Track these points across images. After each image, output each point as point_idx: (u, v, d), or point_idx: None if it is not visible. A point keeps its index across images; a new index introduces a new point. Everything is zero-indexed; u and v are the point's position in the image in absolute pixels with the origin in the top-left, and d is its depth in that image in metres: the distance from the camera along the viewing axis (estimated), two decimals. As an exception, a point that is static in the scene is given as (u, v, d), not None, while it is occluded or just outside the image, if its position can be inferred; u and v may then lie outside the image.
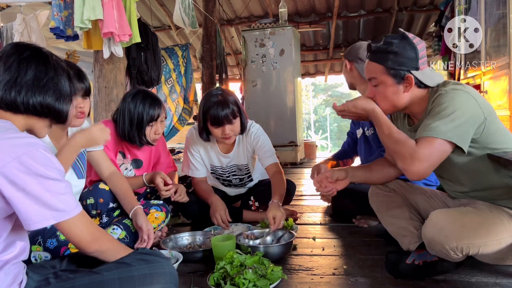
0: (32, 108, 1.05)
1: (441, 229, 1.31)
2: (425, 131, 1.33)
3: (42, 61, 1.08)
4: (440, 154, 1.33)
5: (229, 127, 2.07)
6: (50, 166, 0.98)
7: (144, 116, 2.01)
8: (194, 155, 2.30)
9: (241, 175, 2.37)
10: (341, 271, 1.58)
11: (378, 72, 1.47)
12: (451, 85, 1.39)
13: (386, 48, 1.44)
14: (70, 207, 1.01)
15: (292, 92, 5.21)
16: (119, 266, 1.09)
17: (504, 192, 1.39)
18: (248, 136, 2.27)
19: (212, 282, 1.39)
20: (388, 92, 1.47)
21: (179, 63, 5.49)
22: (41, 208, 0.95)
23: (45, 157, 0.98)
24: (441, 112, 1.32)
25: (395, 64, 1.42)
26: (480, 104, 1.34)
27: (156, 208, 2.01)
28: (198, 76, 7.67)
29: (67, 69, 1.16)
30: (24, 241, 1.04)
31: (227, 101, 2.04)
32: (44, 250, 1.53)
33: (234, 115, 2.06)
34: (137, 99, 2.03)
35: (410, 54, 1.42)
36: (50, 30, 2.89)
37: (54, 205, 0.97)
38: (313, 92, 23.84)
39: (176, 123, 5.65)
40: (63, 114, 1.13)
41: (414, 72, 1.43)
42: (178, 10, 4.43)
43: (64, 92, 1.11)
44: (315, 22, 7.06)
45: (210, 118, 2.05)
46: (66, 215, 1.00)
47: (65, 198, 1.00)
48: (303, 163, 5.49)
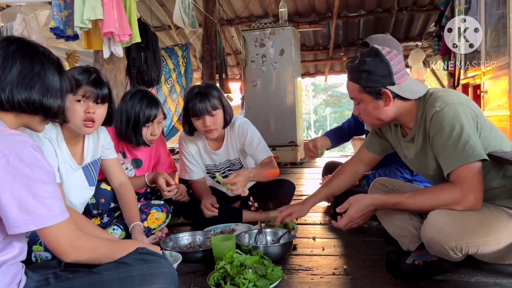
0: (18, 105, 1.02)
1: (441, 229, 1.30)
2: (454, 162, 1.32)
3: (28, 56, 1.04)
4: (480, 173, 1.32)
5: (210, 119, 2.09)
6: (38, 167, 0.95)
7: (140, 116, 2.01)
8: (187, 157, 2.33)
9: (236, 170, 2.37)
10: (341, 271, 1.58)
11: (355, 91, 1.50)
12: (441, 99, 1.37)
13: (359, 68, 1.46)
14: (52, 213, 0.96)
15: (292, 92, 5.20)
16: (119, 266, 1.08)
17: (503, 192, 1.39)
18: (234, 129, 2.27)
19: (212, 282, 1.39)
20: (369, 108, 1.49)
21: (179, 63, 5.49)
22: (21, 212, 0.92)
23: (34, 157, 0.95)
24: (451, 137, 1.32)
25: (369, 82, 1.44)
26: (473, 110, 1.36)
27: (157, 209, 2.01)
28: (198, 76, 7.67)
29: (57, 63, 1.11)
30: (21, 242, 1.03)
31: (207, 94, 2.08)
32: (45, 250, 1.54)
33: (214, 107, 2.08)
34: (134, 99, 2.03)
35: (383, 71, 1.42)
36: (50, 30, 2.89)
37: (35, 210, 0.93)
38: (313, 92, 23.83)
39: (176, 123, 5.65)
40: (53, 110, 1.09)
41: (391, 87, 1.43)
42: (178, 10, 4.43)
43: (52, 87, 1.07)
44: (315, 22, 7.06)
45: (191, 110, 2.09)
46: (46, 222, 0.95)
47: (49, 202, 0.96)
48: (303, 163, 5.49)
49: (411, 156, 1.55)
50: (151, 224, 1.97)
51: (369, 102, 1.48)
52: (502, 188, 1.39)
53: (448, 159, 1.34)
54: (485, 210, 1.35)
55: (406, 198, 1.43)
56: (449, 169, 1.34)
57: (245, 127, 2.26)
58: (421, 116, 1.44)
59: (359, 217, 1.53)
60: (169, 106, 5.58)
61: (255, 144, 2.23)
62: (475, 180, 1.31)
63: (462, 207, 1.32)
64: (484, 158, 1.31)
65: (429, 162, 1.47)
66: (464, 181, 1.31)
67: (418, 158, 1.52)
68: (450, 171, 1.34)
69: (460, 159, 1.31)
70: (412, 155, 1.55)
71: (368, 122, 1.57)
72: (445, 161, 1.36)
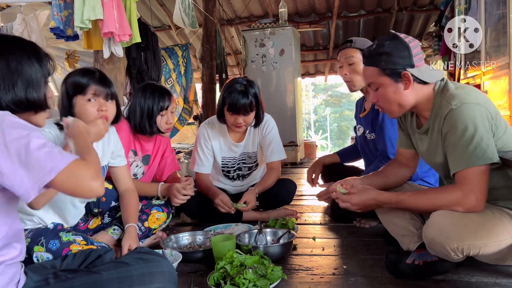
0: (7, 108, 1.00)
1: (442, 229, 1.30)
2: (462, 162, 1.32)
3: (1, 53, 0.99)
4: (486, 176, 1.31)
5: (243, 118, 2.16)
6: (22, 127, 0.92)
7: (154, 106, 2.03)
8: (203, 149, 2.35)
9: (250, 163, 2.44)
10: (341, 271, 1.58)
11: (374, 75, 1.47)
12: (458, 97, 1.35)
13: (378, 51, 1.45)
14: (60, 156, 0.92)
15: (292, 92, 5.20)
16: (118, 265, 1.09)
17: (505, 193, 1.39)
18: (261, 124, 2.35)
19: (212, 282, 1.39)
20: (389, 92, 1.45)
21: (179, 63, 5.49)
22: (29, 171, 0.89)
23: (15, 121, 0.93)
24: (464, 137, 1.31)
25: (389, 64, 1.42)
26: (490, 111, 1.34)
27: (158, 209, 2.01)
28: (198, 76, 7.66)
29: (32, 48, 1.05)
30: (20, 243, 1.03)
31: (248, 92, 2.13)
32: (46, 251, 1.53)
33: (251, 107, 2.15)
34: (146, 92, 2.05)
35: (403, 53, 1.42)
36: (50, 30, 2.89)
37: (41, 161, 0.89)
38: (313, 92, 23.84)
39: (176, 123, 5.64)
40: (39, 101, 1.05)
41: (410, 70, 1.42)
42: (178, 10, 4.43)
43: (33, 78, 1.03)
44: (315, 22, 7.06)
45: (228, 103, 2.13)
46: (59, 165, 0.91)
47: (49, 150, 0.92)
48: (303, 163, 5.49)
49: (423, 149, 1.54)
50: (152, 224, 1.97)
51: (388, 86, 1.45)
52: (505, 188, 1.39)
53: (456, 159, 1.34)
54: (487, 212, 1.34)
55: (409, 196, 1.44)
56: (455, 169, 1.34)
57: (271, 125, 2.39)
58: (437, 110, 1.42)
59: (358, 204, 1.53)
60: (169, 106, 5.57)
61: (273, 144, 2.35)
62: (479, 182, 1.30)
63: (463, 209, 1.32)
64: (494, 161, 1.30)
65: (438, 157, 1.46)
66: (468, 183, 1.31)
67: (429, 151, 1.51)
68: (456, 172, 1.34)
69: (468, 161, 1.30)
70: (424, 148, 1.54)
71: (387, 109, 1.51)
72: (453, 161, 1.35)
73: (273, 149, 2.36)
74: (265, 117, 2.37)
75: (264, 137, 2.37)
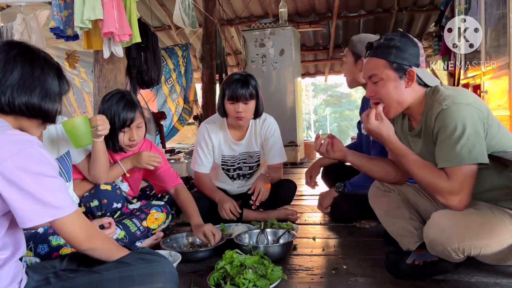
0: (18, 109, 1.05)
1: (443, 230, 1.31)
2: (447, 161, 1.33)
3: (28, 60, 1.07)
4: (472, 177, 1.32)
5: (243, 107, 2.16)
6: (45, 163, 0.98)
7: (115, 120, 1.87)
8: (203, 148, 2.35)
9: (251, 163, 2.43)
10: (341, 271, 1.58)
11: (380, 67, 1.44)
12: (449, 98, 1.36)
13: (388, 43, 1.44)
14: (65, 204, 1.00)
15: (292, 92, 5.20)
16: (119, 265, 1.09)
17: (506, 193, 1.38)
18: (263, 125, 2.36)
19: (212, 282, 1.39)
20: (390, 87, 1.44)
21: (179, 63, 5.49)
22: (37, 206, 0.95)
23: (40, 154, 0.98)
24: (452, 136, 1.31)
25: (398, 58, 1.42)
26: (481, 110, 1.34)
27: (157, 209, 2.01)
28: (198, 76, 7.66)
29: (57, 67, 1.14)
30: (21, 240, 1.04)
31: (247, 82, 2.16)
32: (35, 256, 1.52)
33: (251, 95, 2.16)
34: (111, 101, 1.90)
35: (413, 50, 1.42)
36: (50, 30, 2.88)
37: (50, 202, 0.97)
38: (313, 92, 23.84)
39: (176, 123, 5.65)
40: (51, 113, 1.12)
41: (415, 69, 1.42)
42: (178, 10, 4.43)
43: (51, 91, 1.10)
44: (315, 22, 7.06)
45: (228, 93, 2.15)
46: (61, 213, 0.99)
47: (61, 195, 1.00)
48: (303, 163, 5.49)
49: (417, 152, 1.54)
50: (151, 224, 1.97)
51: (391, 80, 1.43)
52: (505, 189, 1.39)
53: (443, 156, 1.35)
54: (488, 212, 1.35)
55: (413, 159, 1.43)
56: (441, 166, 1.35)
57: (274, 126, 2.40)
58: (428, 111, 1.43)
59: (371, 129, 1.47)
60: (169, 106, 5.59)
61: (274, 148, 2.36)
62: (467, 181, 1.31)
63: (444, 201, 1.34)
64: (481, 161, 1.30)
65: (432, 159, 1.46)
66: (458, 181, 1.31)
67: (423, 154, 1.51)
68: (446, 167, 1.34)
69: (455, 160, 1.31)
70: (417, 151, 1.53)
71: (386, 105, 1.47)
72: (440, 157, 1.36)
73: (275, 152, 2.37)
74: (268, 119, 2.38)
75: (266, 140, 2.37)
